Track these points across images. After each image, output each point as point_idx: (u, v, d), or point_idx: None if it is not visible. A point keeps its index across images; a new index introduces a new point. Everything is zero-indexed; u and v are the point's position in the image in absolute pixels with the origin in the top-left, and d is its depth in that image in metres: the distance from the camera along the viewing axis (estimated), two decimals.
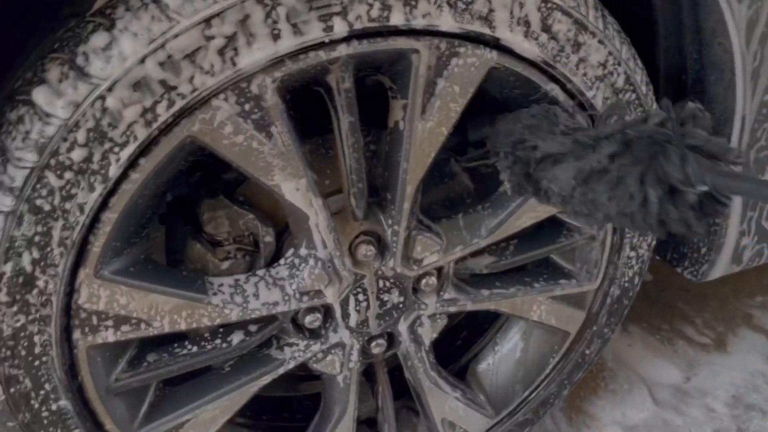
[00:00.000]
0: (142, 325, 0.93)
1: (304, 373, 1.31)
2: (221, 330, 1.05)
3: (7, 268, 0.82)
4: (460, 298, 1.15)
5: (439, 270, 1.13)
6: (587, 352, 1.34)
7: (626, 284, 1.27)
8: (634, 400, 1.60)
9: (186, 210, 1.08)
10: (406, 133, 0.95)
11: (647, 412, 1.57)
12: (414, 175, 0.98)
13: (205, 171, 1.07)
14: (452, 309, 1.16)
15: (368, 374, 1.26)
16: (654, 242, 1.25)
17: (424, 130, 0.95)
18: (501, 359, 1.34)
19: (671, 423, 1.54)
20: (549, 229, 1.19)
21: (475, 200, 1.23)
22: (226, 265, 1.05)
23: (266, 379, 1.08)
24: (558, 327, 1.27)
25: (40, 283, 0.84)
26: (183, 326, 0.96)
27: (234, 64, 0.80)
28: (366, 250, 1.03)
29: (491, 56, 0.93)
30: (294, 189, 0.92)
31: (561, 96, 1.01)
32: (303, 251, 1.01)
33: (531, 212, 1.09)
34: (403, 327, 1.15)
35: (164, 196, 0.94)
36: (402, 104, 0.94)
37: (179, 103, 0.80)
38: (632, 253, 1.23)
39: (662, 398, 1.60)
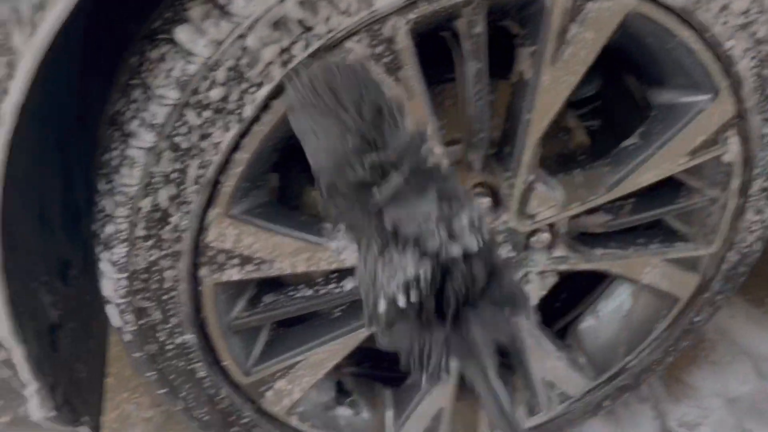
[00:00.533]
0: (265, 266, 0.95)
1: None
2: (335, 275, 1.06)
3: (146, 203, 0.85)
4: (572, 256, 1.13)
5: (552, 226, 1.10)
6: (696, 319, 1.29)
7: (746, 250, 1.21)
8: (737, 372, 1.54)
9: (301, 156, 1.09)
10: (532, 83, 0.92)
11: (751, 385, 1.51)
12: (537, 126, 0.96)
13: None
14: (562, 267, 1.14)
15: None
16: None
17: (552, 79, 0.92)
18: (604, 321, 1.31)
19: None
20: (667, 188, 1.15)
21: (590, 156, 1.19)
22: None
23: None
24: (669, 291, 1.23)
25: (174, 220, 0.87)
26: (302, 269, 0.98)
27: (370, 4, 0.79)
28: (481, 203, 1.02)
29: (629, 0, 0.88)
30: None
31: (697, 45, 0.95)
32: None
33: (654, 170, 1.05)
34: None
35: (288, 141, 0.95)
36: (530, 52, 0.91)
37: (315, 44, 0.80)
38: (756, 218, 1.17)
39: (767, 372, 1.54)
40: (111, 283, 0.92)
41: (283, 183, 1.12)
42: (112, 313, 0.96)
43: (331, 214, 0.74)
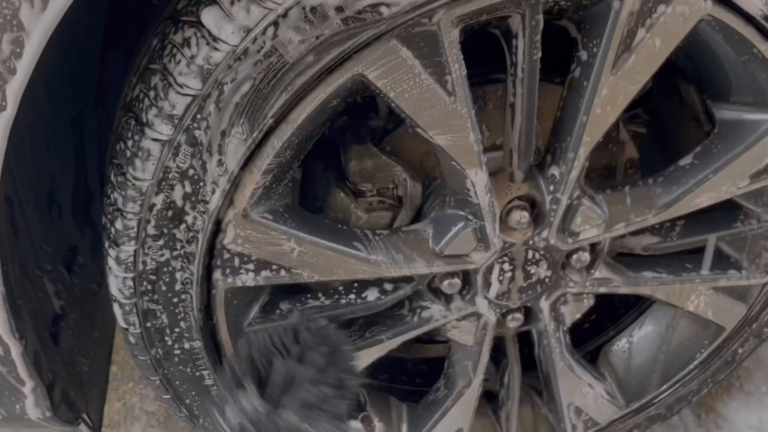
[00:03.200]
0: (282, 272, 0.88)
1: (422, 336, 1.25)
2: (356, 285, 0.99)
3: (159, 199, 0.78)
4: (613, 278, 1.05)
5: (593, 246, 1.02)
6: (740, 350, 1.21)
7: None
8: None
9: (326, 155, 1.01)
10: (590, 91, 0.83)
11: None
12: (590, 138, 0.87)
13: (352, 116, 0.99)
14: (602, 289, 1.06)
15: (494, 348, 1.18)
16: None
17: (611, 88, 0.83)
18: (638, 348, 1.23)
19: None
20: (721, 212, 1.06)
21: (637, 171, 1.11)
22: (367, 217, 0.99)
23: (395, 342, 1.03)
24: (713, 320, 1.14)
25: (189, 219, 0.80)
26: (322, 277, 0.90)
27: None
28: (520, 217, 0.94)
29: (705, 5, 0.79)
30: (458, 144, 0.83)
31: None
32: (451, 211, 0.93)
33: (712, 191, 0.96)
34: (545, 303, 1.05)
35: (317, 139, 0.87)
36: (588, 56, 0.83)
37: (354, 38, 0.72)
38: None
39: None
40: (117, 282, 0.86)
41: (306, 182, 1.05)
42: (118, 314, 0.89)
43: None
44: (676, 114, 1.11)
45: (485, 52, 0.89)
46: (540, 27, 0.78)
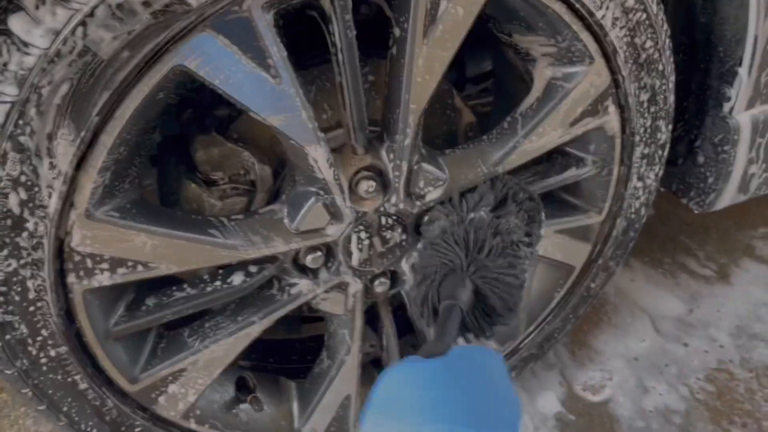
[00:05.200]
0: (139, 267, 0.90)
1: (306, 315, 1.30)
2: (221, 271, 1.02)
3: None
4: None
5: None
6: (592, 285, 1.32)
7: (633, 216, 1.25)
8: (637, 332, 1.60)
9: (178, 149, 1.04)
10: (407, 62, 0.90)
11: (650, 343, 1.57)
12: (415, 105, 0.94)
13: (196, 108, 1.02)
14: None
15: (371, 314, 1.24)
16: (661, 172, 1.22)
17: (426, 57, 0.90)
18: None
19: (674, 353, 1.54)
20: (555, 161, 1.16)
21: (478, 134, 1.19)
22: (222, 204, 1.01)
23: (268, 321, 1.06)
24: (563, 261, 1.25)
25: (30, 226, 0.81)
26: (180, 268, 0.93)
27: None
28: (367, 186, 1.00)
29: None
30: (292, 123, 0.87)
31: (567, 16, 0.95)
32: (301, 188, 0.97)
33: (536, 143, 1.05)
34: (406, 265, 1.12)
35: (153, 133, 0.89)
36: (401, 31, 0.89)
37: (167, 30, 0.74)
38: (639, 184, 1.20)
39: (665, 330, 1.60)
40: None
41: (161, 178, 1.07)
42: None
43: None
44: (512, 80, 1.20)
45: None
46: (349, 7, 0.83)
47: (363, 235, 1.04)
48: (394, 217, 1.05)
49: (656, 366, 1.52)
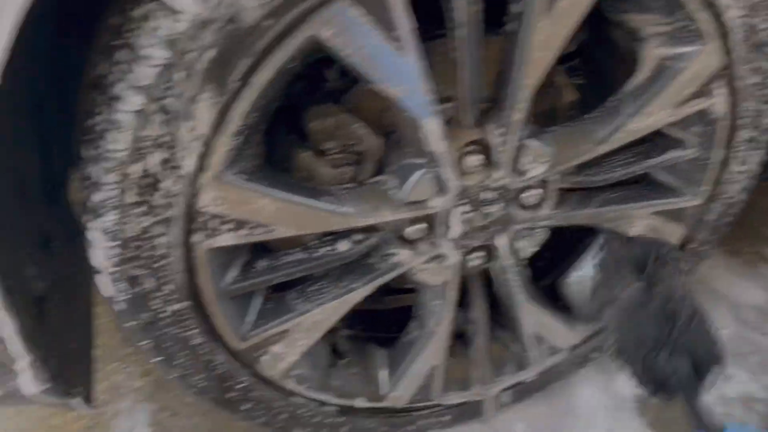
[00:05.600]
0: (258, 229, 0.94)
1: (393, 287, 1.33)
2: (327, 238, 1.05)
3: (135, 168, 0.83)
4: (563, 212, 1.14)
5: (544, 182, 1.11)
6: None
7: (730, 200, 1.23)
8: (718, 319, 1.58)
9: (289, 118, 1.07)
10: (525, 37, 0.91)
11: (731, 331, 1.56)
12: (530, 80, 0.95)
13: (310, 78, 1.05)
14: (554, 223, 1.15)
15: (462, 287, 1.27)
16: (764, 158, 1.20)
17: (544, 32, 0.91)
18: (592, 275, 1.33)
19: (757, 342, 1.53)
20: (656, 142, 1.15)
21: (578, 113, 1.19)
22: (333, 173, 1.05)
23: (368, 289, 1.10)
24: None
25: (166, 185, 0.85)
26: (296, 232, 0.97)
27: None
28: (473, 161, 1.02)
29: None
30: (411, 95, 0.89)
31: None
32: (410, 160, 1.00)
33: (642, 123, 1.05)
34: (503, 240, 1.14)
35: (278, 102, 0.92)
36: (521, 5, 0.90)
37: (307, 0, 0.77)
38: (740, 168, 1.19)
39: (746, 318, 1.59)
40: (102, 252, 0.90)
41: (270, 148, 1.10)
42: (104, 283, 0.94)
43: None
44: (610, 58, 1.20)
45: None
46: None
47: (465, 208, 1.06)
48: (496, 192, 1.07)
49: (738, 354, 1.51)
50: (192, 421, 1.49)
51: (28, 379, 0.96)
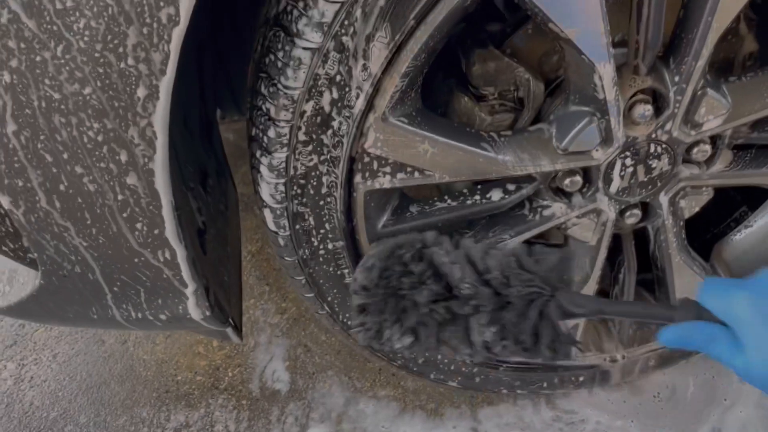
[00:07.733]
0: (416, 174, 0.94)
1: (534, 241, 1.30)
2: (479, 186, 1.04)
3: (309, 106, 0.84)
4: (735, 170, 1.05)
5: (714, 138, 1.03)
6: None
7: None
8: None
9: (447, 62, 1.05)
10: None
11: None
12: (718, 24, 0.87)
13: (470, 22, 1.02)
14: (723, 182, 1.07)
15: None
16: None
17: None
18: (752, 242, 1.24)
19: None
20: None
21: (756, 64, 1.09)
22: (491, 119, 1.02)
23: (516, 241, 1.08)
24: None
25: (335, 124, 0.86)
26: (452, 178, 0.96)
27: None
28: (643, 110, 0.96)
29: None
30: (587, 37, 0.84)
31: None
32: (575, 107, 0.95)
33: None
34: (664, 198, 1.08)
35: (445, 43, 0.91)
36: None
37: None
38: None
39: None
40: (269, 188, 0.93)
41: (426, 91, 1.09)
42: (268, 218, 0.97)
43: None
44: None
45: None
46: None
47: (628, 161, 1.01)
48: (664, 146, 1.00)
49: None
50: (325, 358, 1.55)
51: (192, 306, 1.02)
